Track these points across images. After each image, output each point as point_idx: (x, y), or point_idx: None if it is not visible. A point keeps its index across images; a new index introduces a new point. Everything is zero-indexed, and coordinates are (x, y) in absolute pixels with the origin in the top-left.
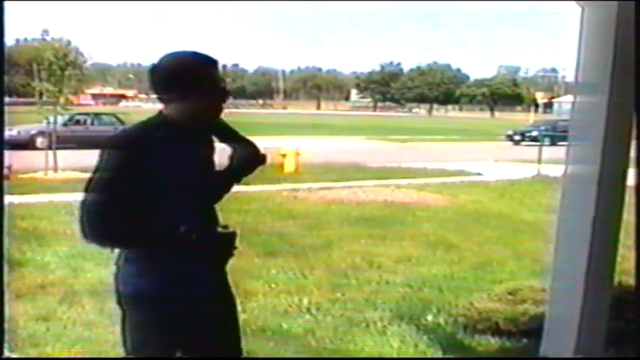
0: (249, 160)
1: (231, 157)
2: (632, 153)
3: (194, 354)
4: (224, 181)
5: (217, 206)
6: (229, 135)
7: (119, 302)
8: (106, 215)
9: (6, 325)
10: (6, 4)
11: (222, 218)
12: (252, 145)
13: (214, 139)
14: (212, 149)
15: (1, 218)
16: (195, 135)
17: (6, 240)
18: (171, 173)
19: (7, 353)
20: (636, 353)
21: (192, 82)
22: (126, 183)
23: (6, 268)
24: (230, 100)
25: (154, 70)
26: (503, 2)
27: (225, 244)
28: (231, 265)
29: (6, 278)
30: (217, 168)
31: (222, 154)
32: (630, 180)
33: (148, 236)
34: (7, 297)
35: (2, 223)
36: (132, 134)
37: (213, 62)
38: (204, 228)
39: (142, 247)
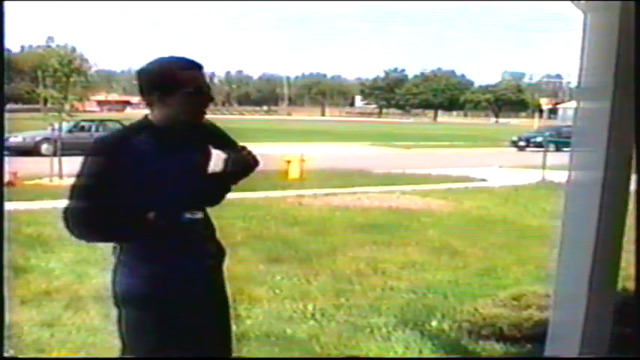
0: (243, 165)
1: (225, 162)
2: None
3: (184, 351)
4: (217, 185)
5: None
6: (222, 140)
7: (115, 302)
8: (85, 212)
9: (6, 324)
10: (11, 10)
11: (227, 224)
12: (245, 150)
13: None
14: (204, 154)
15: (1, 222)
16: (180, 139)
17: (6, 244)
18: (151, 175)
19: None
20: (636, 354)
21: (170, 85)
22: (105, 183)
23: (11, 274)
24: (235, 107)
25: (139, 74)
26: (508, 9)
27: (193, 228)
28: (235, 271)
29: (10, 283)
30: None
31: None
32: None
33: (121, 226)
34: (11, 303)
35: (2, 226)
36: (114, 137)
37: (195, 66)
38: (171, 213)
39: (117, 238)
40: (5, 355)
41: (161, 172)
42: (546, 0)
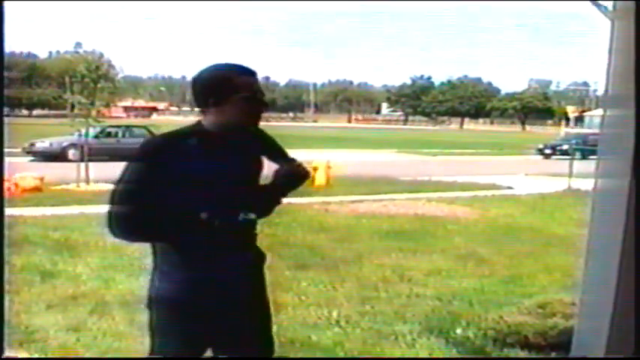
0: (293, 177)
1: (276, 173)
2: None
3: (223, 351)
4: (267, 195)
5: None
6: (273, 150)
7: (148, 305)
8: (130, 214)
9: (32, 329)
10: (39, 16)
11: None
12: (296, 161)
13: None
14: (255, 163)
15: (1, 224)
16: (231, 144)
17: (31, 248)
18: (198, 180)
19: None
20: (636, 353)
21: (225, 92)
22: (150, 184)
23: (37, 278)
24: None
25: (194, 80)
26: (535, 16)
27: (248, 228)
28: None
29: (37, 288)
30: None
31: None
32: None
33: (172, 228)
34: (38, 307)
35: (3, 228)
36: (162, 138)
37: (249, 73)
38: (225, 214)
39: (166, 239)
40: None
41: (208, 175)
42: (573, 3)
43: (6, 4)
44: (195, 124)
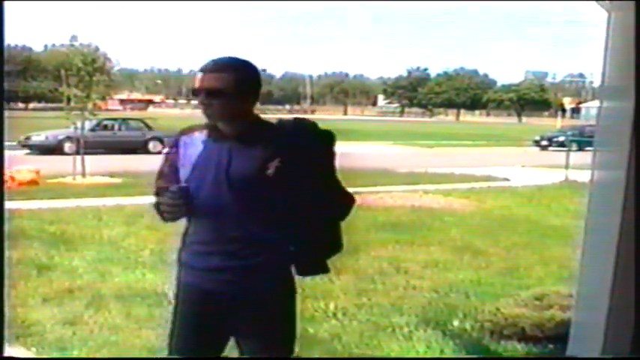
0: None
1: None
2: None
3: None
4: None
5: None
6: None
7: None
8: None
9: (28, 322)
10: (35, 10)
11: None
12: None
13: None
14: (260, 160)
15: (1, 222)
16: (226, 137)
17: (27, 241)
18: (194, 167)
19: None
20: (636, 353)
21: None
22: (163, 168)
23: (34, 272)
24: (257, 106)
25: None
26: (531, 8)
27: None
28: None
29: (34, 281)
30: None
31: None
32: None
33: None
34: (34, 300)
35: (2, 226)
36: (183, 130)
37: (201, 69)
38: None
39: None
40: (5, 354)
41: (201, 163)
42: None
43: (5, 3)
44: None
